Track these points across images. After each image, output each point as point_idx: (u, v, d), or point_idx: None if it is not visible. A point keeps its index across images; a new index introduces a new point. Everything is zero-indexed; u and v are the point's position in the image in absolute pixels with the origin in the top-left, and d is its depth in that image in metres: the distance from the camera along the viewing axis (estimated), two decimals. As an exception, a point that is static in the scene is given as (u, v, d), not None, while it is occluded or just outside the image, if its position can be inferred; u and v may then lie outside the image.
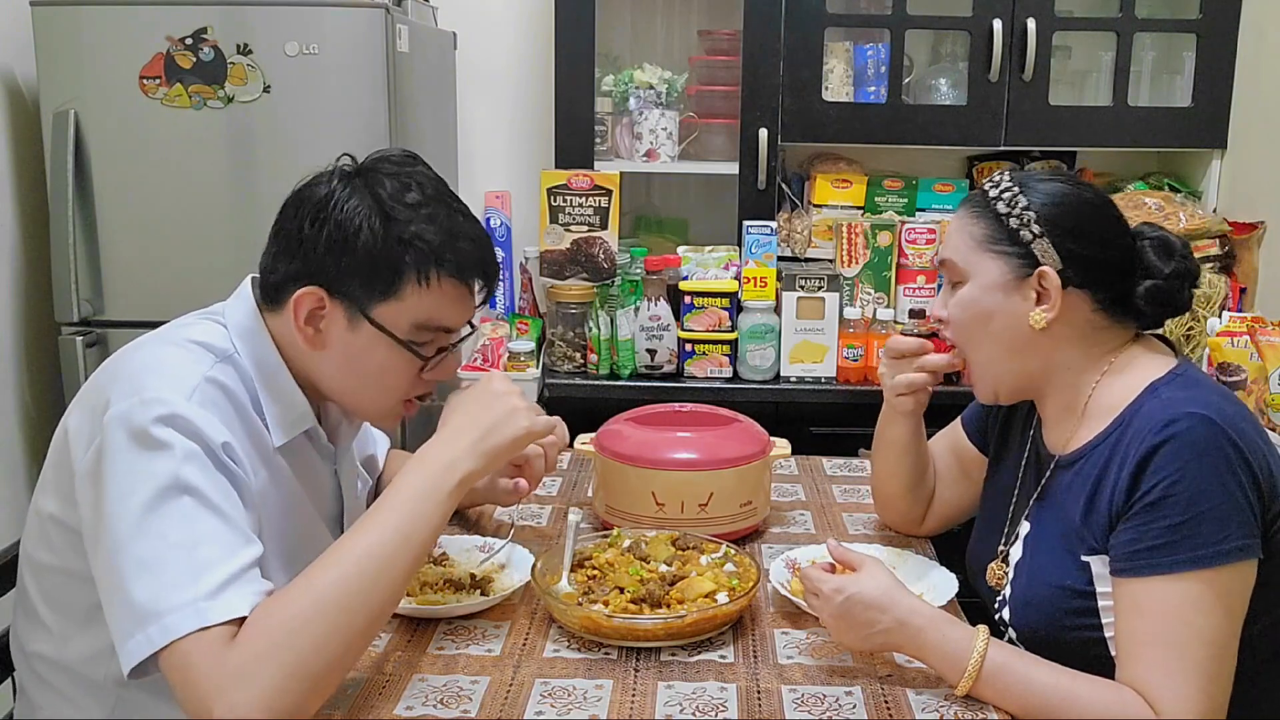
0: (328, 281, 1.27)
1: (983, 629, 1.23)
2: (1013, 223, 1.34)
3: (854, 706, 1.22)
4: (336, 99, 2.30)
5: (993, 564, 1.46)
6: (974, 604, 1.47)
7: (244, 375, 1.29)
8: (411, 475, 1.21)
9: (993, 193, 1.37)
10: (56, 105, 2.27)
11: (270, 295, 1.32)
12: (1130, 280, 1.34)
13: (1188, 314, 2.12)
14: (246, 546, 1.14)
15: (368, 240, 1.25)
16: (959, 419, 1.67)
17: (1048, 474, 1.39)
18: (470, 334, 1.38)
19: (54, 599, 1.27)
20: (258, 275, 1.34)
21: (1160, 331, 1.42)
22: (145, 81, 2.28)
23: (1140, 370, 1.33)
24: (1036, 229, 1.32)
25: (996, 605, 1.43)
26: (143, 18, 2.26)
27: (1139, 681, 1.18)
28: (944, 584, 1.47)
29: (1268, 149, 2.59)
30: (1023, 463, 1.47)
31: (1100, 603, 1.27)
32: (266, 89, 2.28)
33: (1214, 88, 2.69)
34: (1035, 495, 1.40)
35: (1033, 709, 1.18)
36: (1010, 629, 1.38)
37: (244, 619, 1.09)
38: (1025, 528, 1.41)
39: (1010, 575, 1.40)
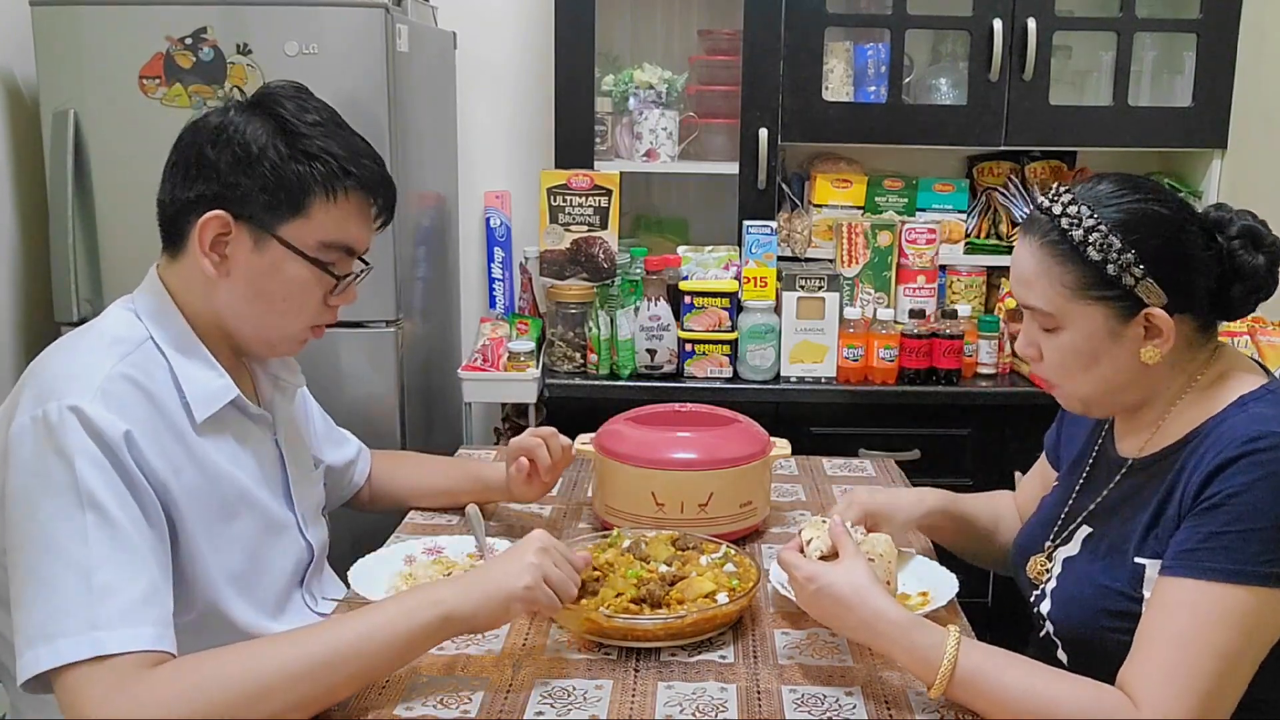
0: (232, 204, 1.26)
1: (954, 630, 1.21)
2: (1110, 269, 1.24)
3: (854, 707, 1.22)
4: (336, 99, 2.23)
5: (1037, 556, 1.43)
6: (977, 604, 1.45)
7: (159, 360, 1.28)
8: (401, 597, 1.22)
9: (1076, 234, 1.25)
10: (56, 105, 2.27)
11: (170, 233, 1.31)
12: (1227, 284, 1.29)
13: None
14: (144, 572, 1.13)
15: (273, 157, 1.26)
16: (1043, 452, 1.63)
17: (1119, 476, 1.37)
18: (368, 270, 1.40)
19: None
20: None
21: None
22: (145, 81, 2.27)
23: (1231, 383, 1.30)
24: (1139, 271, 1.24)
25: (1035, 598, 1.42)
26: (142, 18, 2.25)
27: (1138, 677, 1.15)
28: (944, 584, 1.47)
29: (1268, 149, 2.59)
30: (1088, 464, 1.45)
31: (1144, 608, 1.24)
32: (266, 89, 2.29)
33: (1214, 88, 2.69)
34: (1101, 497, 1.38)
35: (1009, 710, 1.16)
36: (1049, 622, 1.37)
37: (143, 653, 1.07)
38: (1085, 530, 1.38)
39: (1057, 570, 1.38)
